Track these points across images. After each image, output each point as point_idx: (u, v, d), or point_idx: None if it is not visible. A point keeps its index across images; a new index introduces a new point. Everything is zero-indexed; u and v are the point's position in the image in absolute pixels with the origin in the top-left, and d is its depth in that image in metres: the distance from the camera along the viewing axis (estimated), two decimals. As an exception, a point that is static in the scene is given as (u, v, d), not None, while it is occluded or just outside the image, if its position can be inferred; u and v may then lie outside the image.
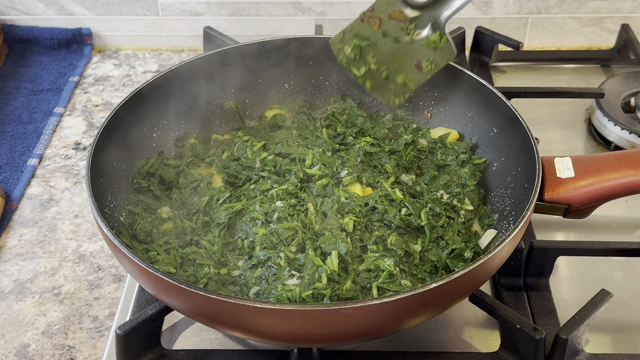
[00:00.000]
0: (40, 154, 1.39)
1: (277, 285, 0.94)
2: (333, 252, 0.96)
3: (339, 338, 0.86)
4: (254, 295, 0.95)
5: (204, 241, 1.02)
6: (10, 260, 1.16)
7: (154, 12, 1.66)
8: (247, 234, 1.01)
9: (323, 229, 1.01)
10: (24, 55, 1.67)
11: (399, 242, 1.01)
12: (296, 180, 1.09)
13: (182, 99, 1.20)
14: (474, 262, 0.82)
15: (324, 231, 1.01)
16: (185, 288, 0.80)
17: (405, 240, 1.02)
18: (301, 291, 0.92)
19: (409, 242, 1.02)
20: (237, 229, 1.03)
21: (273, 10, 1.64)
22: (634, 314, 1.04)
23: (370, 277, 0.96)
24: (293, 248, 0.99)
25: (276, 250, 0.98)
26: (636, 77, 1.45)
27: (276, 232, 0.99)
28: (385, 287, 0.94)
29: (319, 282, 0.93)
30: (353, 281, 0.95)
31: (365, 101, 1.29)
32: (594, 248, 1.05)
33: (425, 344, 0.98)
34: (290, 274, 0.95)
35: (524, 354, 0.92)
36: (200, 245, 1.02)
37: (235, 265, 1.00)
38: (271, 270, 0.96)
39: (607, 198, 0.99)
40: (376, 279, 0.95)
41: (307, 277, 0.94)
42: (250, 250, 1.00)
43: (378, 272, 0.96)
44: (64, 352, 1.02)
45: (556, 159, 1.02)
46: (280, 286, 0.93)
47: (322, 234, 1.00)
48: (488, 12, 1.64)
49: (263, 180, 1.10)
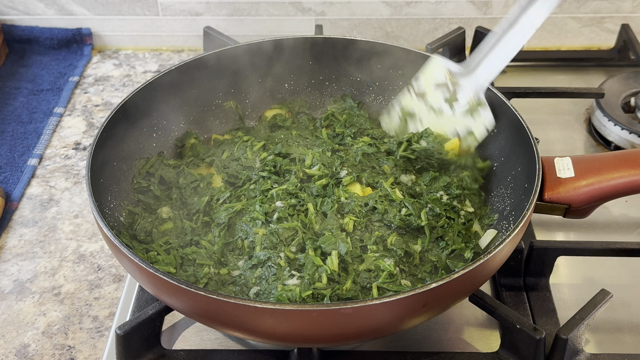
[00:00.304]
0: (40, 154, 1.39)
1: (277, 285, 0.94)
2: (333, 252, 0.96)
3: (339, 338, 0.86)
4: (254, 295, 0.95)
5: (204, 241, 1.02)
6: (10, 260, 1.16)
7: (154, 12, 1.66)
8: (247, 234, 1.01)
9: (323, 229, 1.01)
10: (24, 55, 1.67)
11: (399, 242, 1.01)
12: (296, 180, 1.09)
13: (182, 99, 1.20)
14: (474, 262, 0.82)
15: (324, 231, 1.01)
16: (185, 288, 0.80)
17: (405, 240, 1.02)
18: (301, 291, 0.91)
19: (409, 242, 1.02)
20: (237, 229, 1.03)
21: (273, 10, 1.64)
22: (634, 314, 1.04)
23: (370, 277, 0.96)
24: (293, 248, 0.99)
25: (276, 250, 0.98)
26: (636, 77, 1.45)
27: (276, 232, 0.99)
28: (385, 287, 0.94)
29: (319, 282, 0.93)
30: (353, 281, 0.95)
31: (366, 101, 1.29)
32: (594, 248, 1.05)
33: (425, 344, 0.98)
34: (291, 274, 0.95)
35: (524, 354, 0.92)
36: (200, 246, 1.02)
37: (236, 265, 1.00)
38: (271, 270, 0.96)
39: (607, 198, 0.99)
40: (376, 278, 0.95)
41: (307, 277, 0.94)
42: (250, 250, 1.00)
43: (378, 272, 0.96)
44: (64, 352, 1.02)
45: (556, 158, 1.02)
46: (280, 286, 0.93)
47: (322, 234, 1.00)
48: (488, 12, 1.64)
49: (263, 180, 1.10)
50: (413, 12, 1.64)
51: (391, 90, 1.27)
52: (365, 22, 1.66)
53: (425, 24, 1.66)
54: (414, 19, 1.65)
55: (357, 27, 1.67)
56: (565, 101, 1.45)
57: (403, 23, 1.66)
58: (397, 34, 1.68)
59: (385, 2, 1.63)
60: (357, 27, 1.67)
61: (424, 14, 1.64)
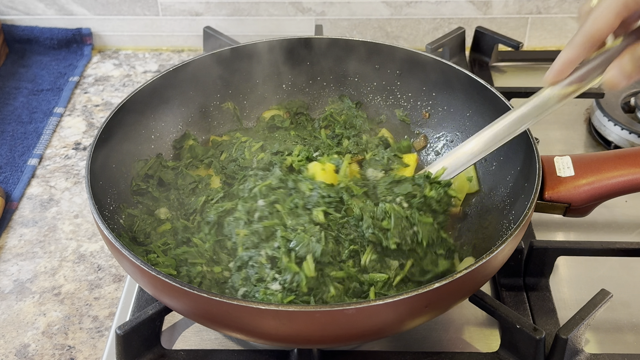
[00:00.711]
0: (40, 154, 1.39)
1: (260, 290, 0.91)
2: (308, 256, 0.92)
3: (341, 339, 0.86)
4: (242, 297, 0.93)
5: (195, 238, 1.02)
6: (10, 260, 1.16)
7: (154, 12, 1.66)
8: (231, 235, 1.00)
9: (296, 225, 0.97)
10: (24, 55, 1.67)
11: (374, 264, 0.95)
12: (280, 173, 1.05)
13: (180, 100, 1.20)
14: (476, 262, 0.82)
15: (297, 226, 0.97)
16: (187, 290, 0.79)
17: (382, 263, 0.96)
18: (283, 297, 0.89)
19: (385, 267, 0.96)
20: (226, 229, 1.02)
21: (273, 10, 1.64)
22: (634, 314, 1.04)
23: (363, 289, 0.93)
24: (275, 244, 0.95)
25: (257, 249, 0.95)
26: (636, 77, 1.45)
27: (257, 232, 0.97)
28: (383, 292, 0.93)
29: (300, 288, 0.90)
30: (336, 287, 0.91)
31: (364, 101, 1.29)
32: (594, 248, 1.05)
33: (425, 344, 0.98)
34: (274, 277, 0.92)
35: (524, 354, 0.92)
36: (191, 244, 1.02)
37: (227, 265, 0.99)
38: (254, 269, 0.93)
39: (608, 196, 0.99)
40: (369, 287, 0.93)
41: (287, 284, 0.90)
42: (234, 252, 0.99)
43: (373, 282, 0.93)
44: (64, 352, 1.02)
45: (556, 157, 1.02)
46: (262, 290, 0.90)
47: (295, 229, 0.96)
48: (488, 12, 1.64)
49: (251, 178, 1.08)
50: (413, 12, 1.65)
51: (389, 91, 1.27)
52: (365, 22, 1.66)
53: (425, 24, 1.66)
54: (414, 19, 1.65)
55: (357, 27, 1.67)
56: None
57: (403, 23, 1.66)
58: (397, 34, 1.68)
59: (385, 2, 1.63)
60: (357, 27, 1.67)
61: (424, 14, 1.64)
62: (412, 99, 1.25)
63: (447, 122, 1.22)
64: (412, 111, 1.26)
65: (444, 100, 1.22)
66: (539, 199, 0.98)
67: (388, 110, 1.27)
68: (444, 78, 1.19)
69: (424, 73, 1.21)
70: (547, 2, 1.62)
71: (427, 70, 1.20)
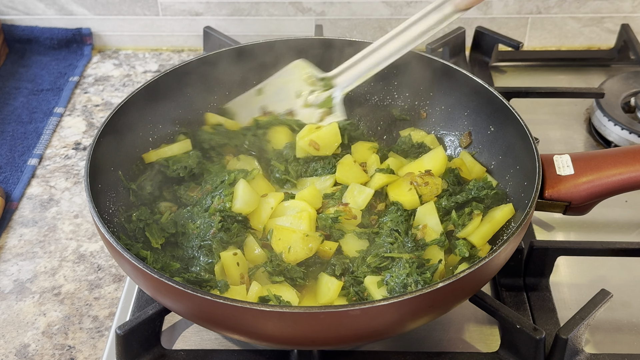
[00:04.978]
0: (40, 154, 1.39)
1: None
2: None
3: (345, 340, 0.87)
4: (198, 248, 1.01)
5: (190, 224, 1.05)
6: (10, 260, 1.16)
7: (154, 12, 1.66)
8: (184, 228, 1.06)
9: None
10: (24, 55, 1.67)
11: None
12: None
13: (177, 102, 1.19)
14: (480, 262, 0.82)
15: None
16: (191, 293, 0.79)
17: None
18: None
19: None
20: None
21: (273, 10, 1.64)
22: (634, 314, 1.04)
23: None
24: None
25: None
26: (636, 77, 1.45)
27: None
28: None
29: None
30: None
31: (361, 100, 1.29)
32: (594, 248, 1.05)
33: (425, 344, 0.98)
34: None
35: (524, 354, 0.92)
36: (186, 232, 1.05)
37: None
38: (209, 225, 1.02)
39: (608, 194, 0.99)
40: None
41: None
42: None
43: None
44: (64, 352, 1.02)
45: (555, 156, 1.02)
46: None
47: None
48: (488, 12, 1.64)
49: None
50: (413, 12, 1.64)
51: (387, 91, 1.27)
52: (365, 22, 1.66)
53: (425, 24, 1.66)
54: (414, 19, 1.65)
55: (357, 27, 1.67)
56: (565, 101, 1.45)
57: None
58: (397, 34, 1.68)
59: (385, 2, 1.63)
60: (357, 27, 1.67)
61: (424, 14, 1.64)
62: (409, 99, 1.25)
63: (445, 122, 1.22)
64: (409, 111, 1.25)
65: (441, 100, 1.22)
66: (539, 198, 0.98)
67: (386, 111, 1.27)
68: (441, 78, 1.19)
69: (422, 72, 1.21)
70: (547, 2, 1.62)
71: (424, 70, 1.20)
